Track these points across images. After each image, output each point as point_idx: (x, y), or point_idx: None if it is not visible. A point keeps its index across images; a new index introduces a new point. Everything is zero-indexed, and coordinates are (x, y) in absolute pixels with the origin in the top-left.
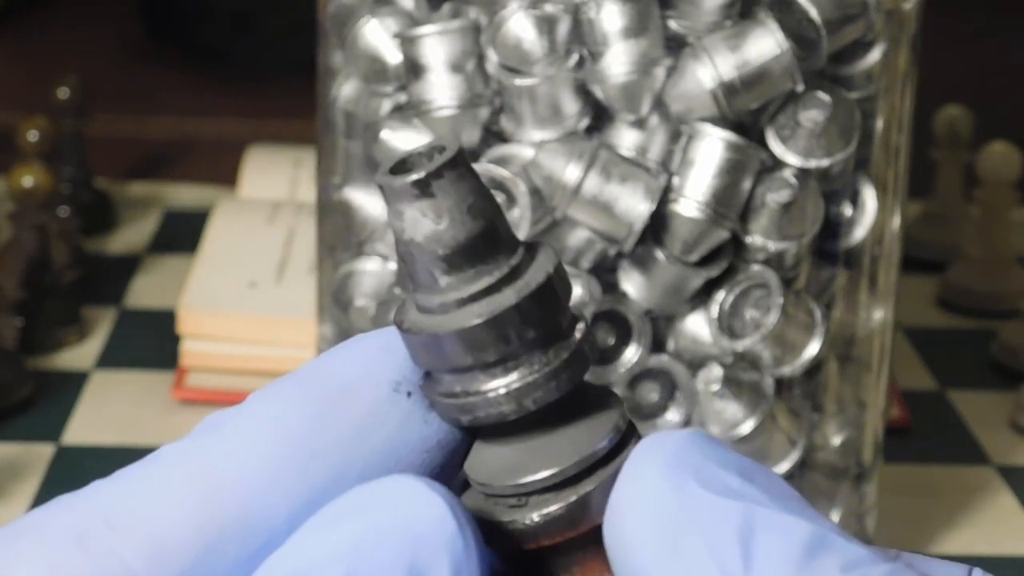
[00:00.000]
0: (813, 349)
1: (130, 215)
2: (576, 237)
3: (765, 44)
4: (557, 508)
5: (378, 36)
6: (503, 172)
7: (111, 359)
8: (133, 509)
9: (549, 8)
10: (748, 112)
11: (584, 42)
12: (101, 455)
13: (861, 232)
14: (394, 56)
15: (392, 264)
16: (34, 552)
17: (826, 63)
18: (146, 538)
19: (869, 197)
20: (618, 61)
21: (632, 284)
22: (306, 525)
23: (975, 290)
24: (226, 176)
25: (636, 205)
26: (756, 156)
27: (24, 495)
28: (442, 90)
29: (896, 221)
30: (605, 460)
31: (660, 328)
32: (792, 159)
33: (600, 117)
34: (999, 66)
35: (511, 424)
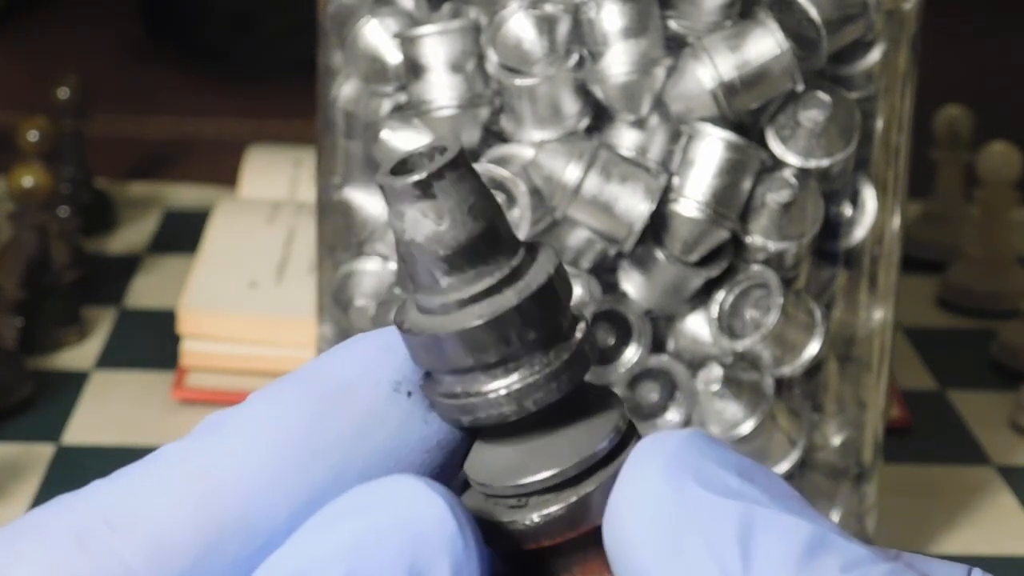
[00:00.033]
0: (813, 349)
1: (130, 215)
2: (576, 237)
3: (765, 44)
4: (557, 509)
5: (378, 36)
6: (503, 172)
7: (111, 359)
8: (133, 509)
9: (549, 8)
10: (748, 112)
11: (584, 42)
12: (101, 455)
13: (861, 232)
14: (394, 56)
15: (392, 264)
16: (34, 552)
17: (826, 63)
18: (146, 538)
19: (869, 197)
20: (618, 61)
21: (632, 284)
22: (306, 525)
23: (975, 290)
24: (226, 176)
25: (636, 205)
26: (756, 156)
27: (24, 495)
28: (442, 90)
29: (896, 221)
30: (605, 461)
31: (660, 328)
32: (792, 159)
33: (600, 117)
34: (999, 66)
35: (511, 425)
